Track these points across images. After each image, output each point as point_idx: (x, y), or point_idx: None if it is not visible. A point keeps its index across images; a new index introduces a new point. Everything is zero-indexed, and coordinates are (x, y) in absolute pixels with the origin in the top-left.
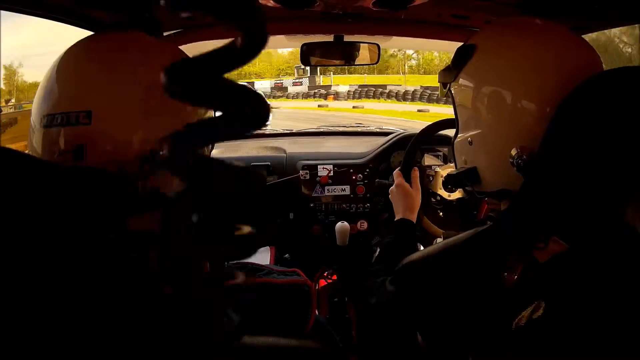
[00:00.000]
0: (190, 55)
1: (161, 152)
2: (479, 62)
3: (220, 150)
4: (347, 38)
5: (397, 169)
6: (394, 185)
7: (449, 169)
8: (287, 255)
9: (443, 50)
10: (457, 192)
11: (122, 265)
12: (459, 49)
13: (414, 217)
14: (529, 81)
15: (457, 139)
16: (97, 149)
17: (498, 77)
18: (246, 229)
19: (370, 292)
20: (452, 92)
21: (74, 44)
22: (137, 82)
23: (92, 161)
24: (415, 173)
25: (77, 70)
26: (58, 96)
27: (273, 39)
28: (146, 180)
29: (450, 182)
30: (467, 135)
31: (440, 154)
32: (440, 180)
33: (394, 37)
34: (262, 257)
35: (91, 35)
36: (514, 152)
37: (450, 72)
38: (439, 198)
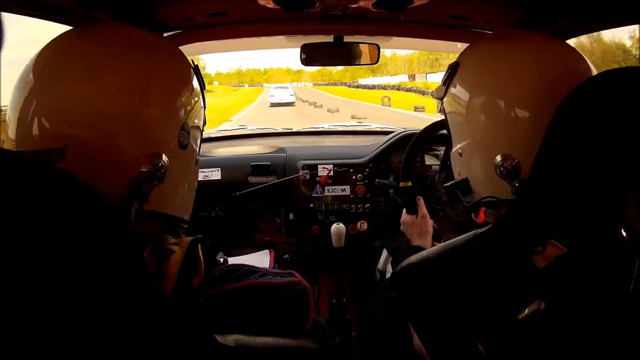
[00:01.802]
0: (191, 58)
1: (144, 177)
2: (460, 77)
3: (221, 150)
4: (347, 39)
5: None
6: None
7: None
8: (286, 255)
9: (444, 51)
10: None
11: (119, 267)
12: (448, 67)
13: (425, 242)
14: (505, 90)
15: (451, 152)
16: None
17: (476, 89)
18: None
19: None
20: (444, 107)
21: (46, 46)
22: (118, 104)
23: None
24: (420, 201)
25: (49, 85)
26: (28, 125)
27: (273, 40)
28: (135, 207)
29: (447, 193)
30: (458, 147)
31: (440, 153)
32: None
33: (394, 38)
34: (262, 259)
35: (63, 36)
36: (498, 159)
37: (441, 89)
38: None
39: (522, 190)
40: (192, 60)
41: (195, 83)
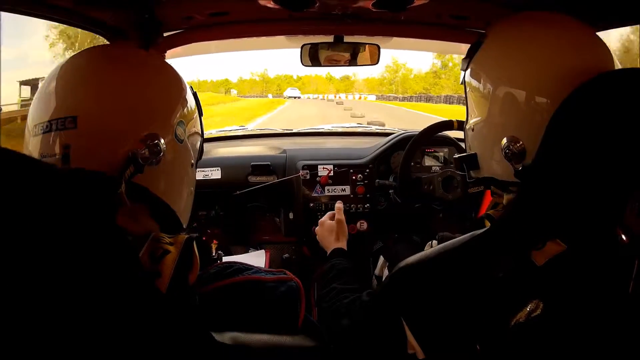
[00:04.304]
0: (191, 57)
1: (142, 151)
2: (483, 52)
3: (222, 150)
4: (347, 39)
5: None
6: (320, 225)
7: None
8: (286, 254)
9: (443, 51)
10: (456, 192)
11: (117, 264)
12: (476, 40)
13: (344, 244)
14: (522, 73)
15: (466, 127)
16: (83, 152)
17: (496, 67)
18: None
19: (338, 314)
20: (465, 80)
21: (69, 59)
22: (124, 91)
23: (79, 164)
24: (339, 205)
25: (68, 81)
26: (47, 105)
27: (273, 40)
28: (132, 179)
29: (454, 165)
30: (471, 122)
31: (440, 155)
32: (438, 183)
33: (394, 38)
34: (257, 260)
35: (87, 49)
36: (504, 141)
37: (465, 61)
38: (437, 202)
39: (524, 174)
40: (191, 87)
41: (190, 97)
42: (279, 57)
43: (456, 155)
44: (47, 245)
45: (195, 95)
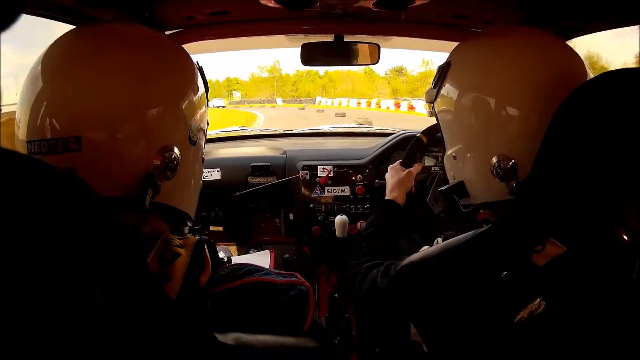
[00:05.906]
0: (192, 57)
1: (158, 168)
2: (452, 78)
3: (222, 151)
4: (348, 38)
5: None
6: (391, 169)
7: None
8: (287, 255)
9: (444, 50)
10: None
11: (123, 269)
12: (437, 68)
13: (398, 196)
14: (499, 88)
15: (445, 157)
16: (90, 175)
17: (469, 89)
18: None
19: (358, 276)
20: (435, 111)
21: (53, 45)
22: (131, 99)
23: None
24: (417, 167)
25: (61, 80)
26: (41, 119)
27: (273, 39)
28: (147, 197)
29: (442, 198)
30: (452, 151)
31: (440, 155)
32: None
33: (395, 37)
34: (263, 260)
35: (70, 35)
36: (494, 160)
37: (432, 91)
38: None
39: (521, 190)
40: (197, 62)
41: (200, 83)
42: (296, 49)
43: (441, 188)
44: (52, 248)
45: (201, 70)
